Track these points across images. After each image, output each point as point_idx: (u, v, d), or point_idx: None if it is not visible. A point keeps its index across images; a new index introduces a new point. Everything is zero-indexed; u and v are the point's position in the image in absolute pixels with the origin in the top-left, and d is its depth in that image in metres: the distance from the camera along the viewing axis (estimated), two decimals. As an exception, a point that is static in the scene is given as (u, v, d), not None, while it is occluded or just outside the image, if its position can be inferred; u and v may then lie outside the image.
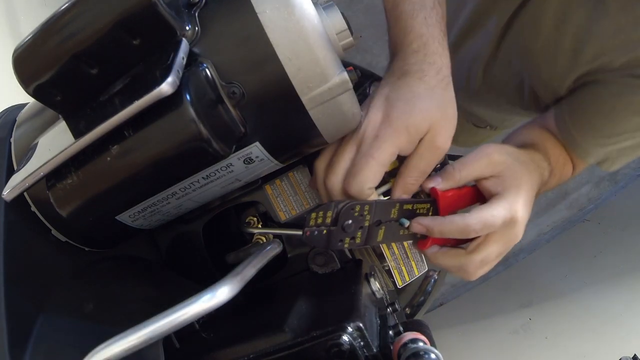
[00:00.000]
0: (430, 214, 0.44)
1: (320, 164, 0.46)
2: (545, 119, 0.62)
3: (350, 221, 0.40)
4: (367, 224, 0.41)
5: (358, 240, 0.41)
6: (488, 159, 0.45)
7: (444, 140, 0.42)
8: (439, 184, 0.44)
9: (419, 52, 0.43)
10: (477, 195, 0.47)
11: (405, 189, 0.44)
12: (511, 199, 0.44)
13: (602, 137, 0.58)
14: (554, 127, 0.60)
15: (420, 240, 0.46)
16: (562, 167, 0.59)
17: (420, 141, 0.42)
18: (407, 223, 0.43)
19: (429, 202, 0.44)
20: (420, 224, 0.43)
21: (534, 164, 0.50)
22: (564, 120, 0.59)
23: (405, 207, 0.43)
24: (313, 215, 0.40)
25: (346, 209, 0.40)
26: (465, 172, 0.44)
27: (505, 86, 0.73)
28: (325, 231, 0.40)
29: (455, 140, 0.44)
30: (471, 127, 0.97)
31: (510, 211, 0.43)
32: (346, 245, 0.41)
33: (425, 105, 0.41)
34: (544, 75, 0.62)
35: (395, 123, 0.41)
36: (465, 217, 0.42)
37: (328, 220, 0.40)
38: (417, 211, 0.44)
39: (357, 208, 0.40)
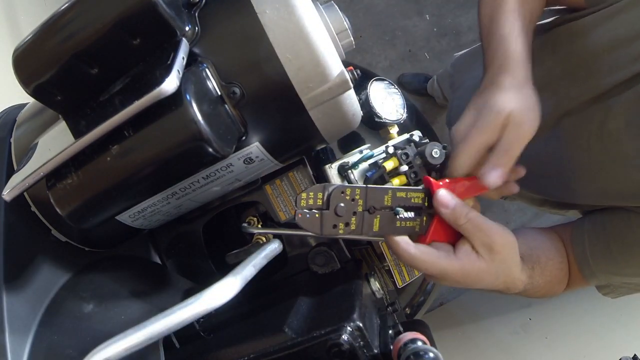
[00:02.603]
0: (426, 204, 0.44)
1: None
2: (563, 230, 0.61)
3: (342, 204, 0.39)
4: (360, 209, 0.41)
5: (353, 227, 0.41)
6: (496, 234, 0.45)
7: (523, 123, 0.46)
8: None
9: (501, 67, 0.50)
10: (473, 189, 0.47)
11: (496, 164, 0.46)
12: (453, 266, 0.44)
13: (615, 267, 0.57)
14: (569, 241, 0.60)
15: (421, 236, 0.46)
16: (552, 285, 0.58)
17: (505, 128, 0.46)
18: (401, 212, 0.42)
19: (422, 191, 0.44)
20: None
21: (510, 279, 0.49)
22: (582, 238, 0.58)
23: (399, 194, 0.42)
24: (303, 195, 0.39)
25: (336, 192, 0.39)
26: (476, 221, 0.45)
27: (527, 183, 0.71)
28: (317, 214, 0.39)
29: None
30: None
31: (440, 273, 0.44)
32: (340, 231, 0.40)
33: (500, 102, 0.46)
34: (574, 184, 0.61)
35: (480, 123, 0.46)
36: (408, 250, 0.43)
37: (319, 202, 0.39)
38: (412, 200, 0.43)
39: (348, 191, 0.40)
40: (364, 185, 0.41)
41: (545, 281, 0.56)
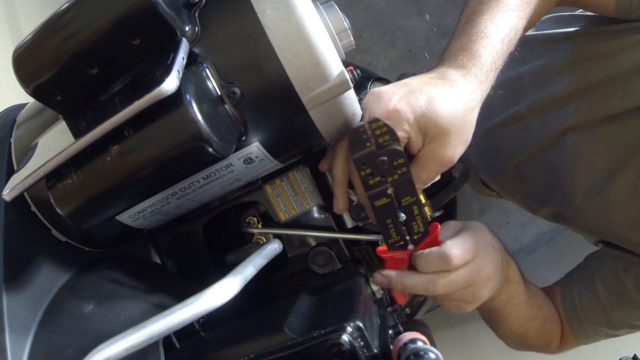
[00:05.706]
0: (415, 237, 0.45)
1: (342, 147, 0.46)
2: (551, 291, 0.61)
3: (385, 158, 0.40)
4: (390, 180, 0.41)
5: (370, 182, 0.41)
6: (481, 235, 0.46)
7: (448, 154, 0.41)
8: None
9: (463, 69, 0.43)
10: None
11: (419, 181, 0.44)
12: (470, 241, 0.44)
13: (604, 316, 0.57)
14: (558, 299, 0.60)
15: (383, 248, 0.46)
16: (548, 329, 0.60)
17: (423, 147, 0.42)
18: (403, 217, 0.43)
19: (425, 227, 0.44)
20: (383, 276, 0.45)
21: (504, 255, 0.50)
22: (572, 291, 0.59)
23: (413, 207, 0.43)
24: (380, 123, 0.39)
25: (394, 151, 0.40)
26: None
27: (525, 188, 0.71)
28: (368, 144, 0.40)
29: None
30: (479, 183, 0.97)
31: (473, 251, 0.44)
32: (362, 173, 0.41)
33: (443, 111, 0.40)
34: (570, 198, 0.60)
35: (410, 110, 0.40)
36: (442, 246, 0.43)
37: (380, 140, 0.39)
38: (415, 221, 0.44)
39: (400, 161, 0.40)
40: (409, 172, 0.41)
41: (542, 317, 0.58)
